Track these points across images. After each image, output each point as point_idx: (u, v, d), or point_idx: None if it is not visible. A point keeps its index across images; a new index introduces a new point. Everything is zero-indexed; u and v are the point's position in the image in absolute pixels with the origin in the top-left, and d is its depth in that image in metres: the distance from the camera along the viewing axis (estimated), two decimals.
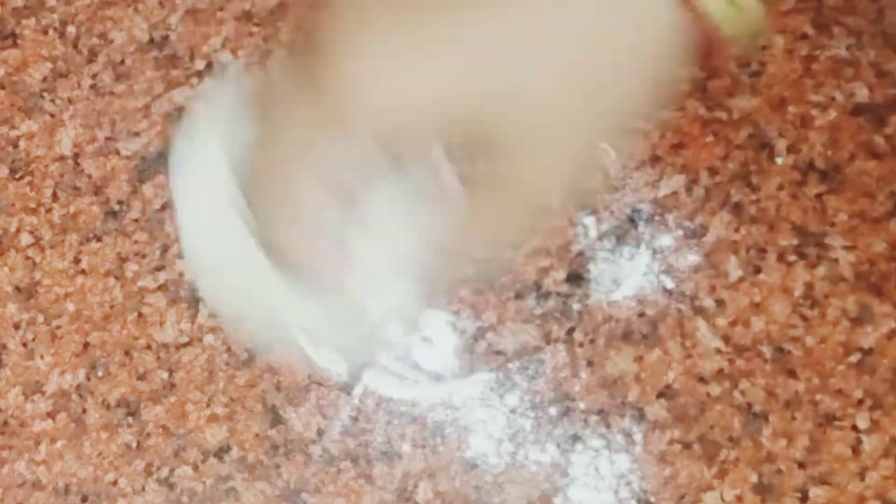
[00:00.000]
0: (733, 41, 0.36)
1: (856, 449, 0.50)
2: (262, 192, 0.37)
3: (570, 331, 0.51)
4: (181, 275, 0.52)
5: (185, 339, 0.52)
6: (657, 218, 0.52)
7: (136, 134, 0.53)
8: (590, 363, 0.51)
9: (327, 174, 0.36)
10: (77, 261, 0.52)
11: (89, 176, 0.53)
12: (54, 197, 0.53)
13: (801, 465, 0.50)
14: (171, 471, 0.51)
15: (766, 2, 0.36)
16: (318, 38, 0.37)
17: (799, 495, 0.50)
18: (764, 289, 0.51)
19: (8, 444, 0.51)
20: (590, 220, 0.52)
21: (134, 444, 0.51)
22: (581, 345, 0.51)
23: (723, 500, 0.50)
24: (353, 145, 0.36)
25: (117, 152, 0.53)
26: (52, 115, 0.53)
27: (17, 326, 0.52)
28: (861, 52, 0.53)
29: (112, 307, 0.52)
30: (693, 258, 0.51)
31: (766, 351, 0.51)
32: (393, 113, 0.35)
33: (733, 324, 0.51)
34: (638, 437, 0.50)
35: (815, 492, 0.50)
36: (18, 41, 0.54)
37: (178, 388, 0.51)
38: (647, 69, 0.35)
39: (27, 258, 0.52)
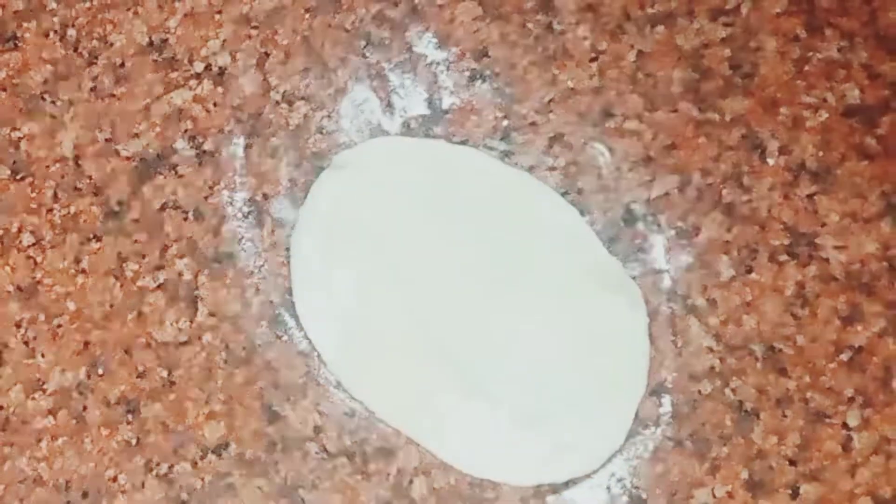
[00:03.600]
0: None
1: (846, 446, 0.50)
2: None
3: None
4: (180, 274, 0.53)
5: (184, 338, 0.52)
6: (650, 218, 0.52)
7: (136, 135, 0.54)
8: None
9: None
10: (77, 260, 0.53)
11: (90, 177, 0.53)
12: (55, 198, 0.53)
13: (792, 462, 0.50)
14: (171, 467, 0.51)
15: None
16: None
17: (790, 492, 0.50)
18: (755, 288, 0.51)
19: (9, 441, 0.51)
20: (584, 220, 0.52)
21: (133, 441, 0.51)
22: None
23: (714, 496, 0.50)
24: None
25: (117, 153, 0.54)
26: (53, 117, 0.54)
27: (18, 325, 0.52)
28: (853, 54, 0.53)
29: (112, 306, 0.52)
30: (685, 258, 0.52)
31: (758, 349, 0.51)
32: None
33: (725, 323, 0.51)
34: (630, 434, 0.51)
35: (806, 488, 0.50)
36: (19, 44, 0.54)
37: (178, 386, 0.52)
38: None
39: (28, 258, 0.53)
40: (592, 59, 0.53)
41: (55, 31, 0.54)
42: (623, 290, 0.51)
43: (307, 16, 0.54)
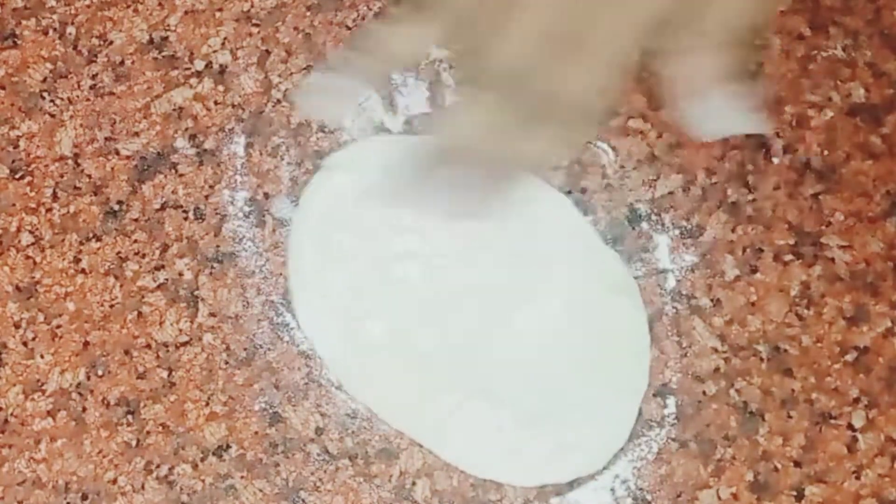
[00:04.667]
0: None
1: (851, 447, 0.50)
2: None
3: None
4: (180, 274, 0.52)
5: (184, 339, 0.52)
6: (654, 217, 0.52)
7: (136, 134, 0.53)
8: None
9: None
10: (77, 260, 0.52)
11: (89, 176, 0.53)
12: (54, 197, 0.53)
13: (797, 464, 0.50)
14: (171, 469, 0.51)
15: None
16: None
17: (795, 493, 0.50)
18: (760, 288, 0.51)
19: (8, 443, 0.51)
20: (587, 220, 0.52)
21: (133, 443, 0.51)
22: None
23: (719, 498, 0.50)
24: None
25: (117, 152, 0.53)
26: (52, 116, 0.54)
27: (17, 325, 0.52)
28: (858, 53, 0.53)
29: (112, 306, 0.52)
30: (690, 258, 0.52)
31: (763, 350, 0.51)
32: None
33: (730, 323, 0.51)
34: (634, 435, 0.51)
35: (811, 490, 0.50)
36: (18, 42, 0.54)
37: (178, 387, 0.51)
38: None
39: (27, 258, 0.53)
40: None
41: (54, 29, 0.54)
42: (623, 288, 0.51)
43: (308, 13, 0.54)
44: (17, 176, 0.53)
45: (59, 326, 0.52)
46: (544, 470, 0.50)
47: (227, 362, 0.52)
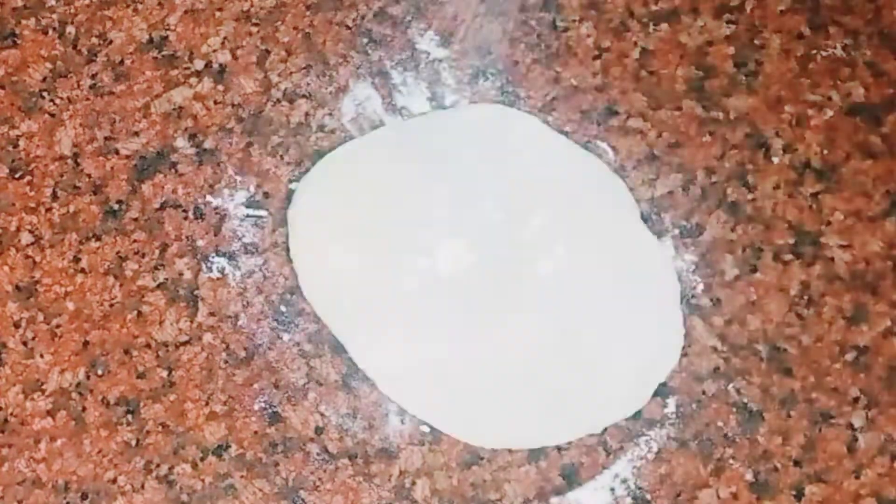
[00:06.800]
0: None
1: (851, 447, 0.50)
2: None
3: None
4: (180, 274, 0.52)
5: (184, 338, 0.52)
6: (654, 217, 0.52)
7: (136, 134, 0.53)
8: None
9: None
10: (77, 260, 0.52)
11: (89, 175, 0.53)
12: (54, 196, 0.53)
13: (797, 463, 0.50)
14: (171, 468, 0.51)
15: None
16: None
17: (794, 493, 0.50)
18: (760, 288, 0.51)
19: (8, 442, 0.51)
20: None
21: (133, 442, 0.51)
22: None
23: (718, 497, 0.50)
24: None
25: (117, 152, 0.53)
26: (52, 115, 0.54)
27: (17, 325, 0.52)
28: (858, 52, 0.53)
29: (111, 306, 0.52)
30: (689, 257, 0.52)
31: (762, 349, 0.51)
32: None
33: (729, 322, 0.51)
34: (634, 435, 0.51)
35: (811, 489, 0.50)
36: (18, 41, 0.54)
37: (178, 387, 0.51)
38: None
39: (27, 257, 0.53)
40: (596, 57, 0.53)
41: (54, 29, 0.54)
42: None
43: (308, 13, 0.54)
44: (16, 176, 0.53)
45: (58, 326, 0.52)
46: (609, 411, 0.50)
47: (226, 362, 0.52)
